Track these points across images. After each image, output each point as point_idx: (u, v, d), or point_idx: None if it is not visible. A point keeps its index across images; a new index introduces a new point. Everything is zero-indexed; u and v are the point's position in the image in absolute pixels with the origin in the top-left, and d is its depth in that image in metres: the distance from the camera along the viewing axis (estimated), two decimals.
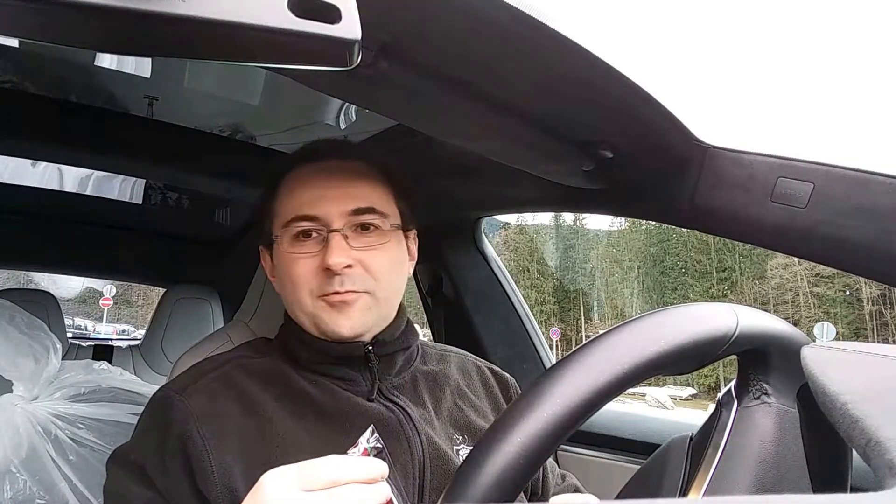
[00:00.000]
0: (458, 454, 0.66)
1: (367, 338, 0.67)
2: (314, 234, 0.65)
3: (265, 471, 0.58)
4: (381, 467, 0.46)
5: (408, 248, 0.73)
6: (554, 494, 0.76)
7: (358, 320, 0.65)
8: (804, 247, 0.63)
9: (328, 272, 0.63)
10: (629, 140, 0.68)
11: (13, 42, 0.97)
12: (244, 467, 0.58)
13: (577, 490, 0.78)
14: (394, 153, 1.02)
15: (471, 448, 0.66)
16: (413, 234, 0.74)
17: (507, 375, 0.80)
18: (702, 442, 0.44)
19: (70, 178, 1.75)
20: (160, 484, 0.58)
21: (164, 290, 2.16)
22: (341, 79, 0.51)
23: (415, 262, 0.75)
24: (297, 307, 0.66)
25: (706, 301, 0.43)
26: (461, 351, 0.81)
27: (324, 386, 0.65)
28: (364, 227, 0.66)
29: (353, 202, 0.65)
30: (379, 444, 0.54)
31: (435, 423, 0.67)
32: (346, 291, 0.63)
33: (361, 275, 0.64)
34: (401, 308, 0.72)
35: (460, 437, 0.68)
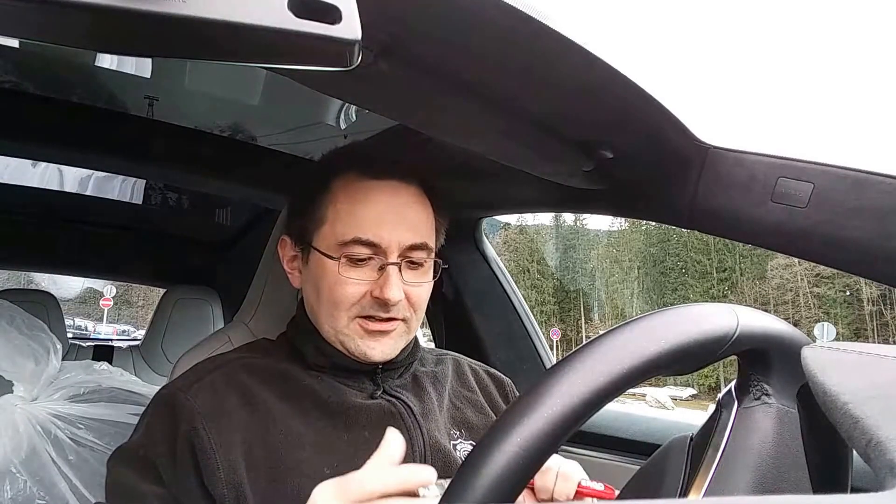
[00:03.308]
0: (456, 449, 0.67)
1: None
2: (371, 260, 0.65)
3: (268, 465, 0.59)
4: (429, 473, 0.47)
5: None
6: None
7: (390, 347, 0.67)
8: (804, 247, 0.63)
9: (379, 300, 0.64)
10: (629, 140, 0.68)
11: (13, 42, 0.97)
12: (249, 463, 0.58)
13: None
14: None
15: (468, 443, 0.69)
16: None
17: (503, 376, 0.82)
18: (702, 442, 0.44)
19: (70, 178, 1.76)
20: (169, 481, 0.58)
21: (164, 290, 2.16)
22: (341, 79, 0.51)
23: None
24: (330, 322, 0.66)
25: (706, 301, 0.43)
26: (457, 354, 0.83)
27: (327, 383, 0.67)
28: (414, 263, 0.67)
29: (410, 236, 0.65)
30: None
31: (436, 418, 0.69)
32: (389, 319, 0.65)
33: (404, 306, 0.66)
34: None
35: (458, 433, 0.70)
